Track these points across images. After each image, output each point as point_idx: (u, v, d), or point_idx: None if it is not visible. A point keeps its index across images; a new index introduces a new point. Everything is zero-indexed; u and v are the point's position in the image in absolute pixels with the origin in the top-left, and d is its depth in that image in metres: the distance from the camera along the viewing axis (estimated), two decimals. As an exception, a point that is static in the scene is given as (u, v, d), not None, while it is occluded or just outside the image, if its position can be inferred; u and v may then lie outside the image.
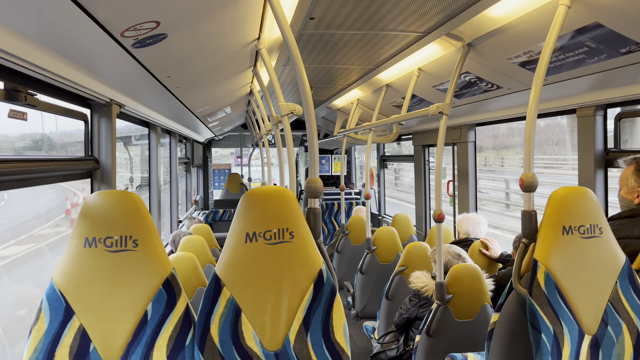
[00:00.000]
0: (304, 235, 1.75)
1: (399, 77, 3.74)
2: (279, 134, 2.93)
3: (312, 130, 1.86)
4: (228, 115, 6.01)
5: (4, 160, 1.78)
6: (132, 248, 1.68)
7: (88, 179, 2.54)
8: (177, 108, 3.91)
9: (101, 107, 2.53)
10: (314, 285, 1.73)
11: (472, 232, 3.75)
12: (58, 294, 1.64)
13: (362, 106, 5.11)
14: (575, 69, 2.50)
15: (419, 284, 3.08)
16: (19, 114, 1.88)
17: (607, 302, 1.90)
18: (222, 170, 9.72)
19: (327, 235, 8.02)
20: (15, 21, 1.36)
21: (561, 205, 1.94)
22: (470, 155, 4.48)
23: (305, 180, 1.82)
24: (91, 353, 1.63)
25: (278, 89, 2.31)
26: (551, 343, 1.84)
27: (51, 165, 2.12)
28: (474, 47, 2.68)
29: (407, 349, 3.22)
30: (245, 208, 1.75)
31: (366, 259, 4.50)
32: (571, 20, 2.04)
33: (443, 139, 2.86)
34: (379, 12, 2.51)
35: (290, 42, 1.78)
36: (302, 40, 3.11)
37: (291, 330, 1.71)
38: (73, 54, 1.78)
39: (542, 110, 3.10)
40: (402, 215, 5.28)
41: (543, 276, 1.87)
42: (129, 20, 1.59)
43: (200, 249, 3.54)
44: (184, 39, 2.05)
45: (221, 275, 1.71)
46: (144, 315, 1.67)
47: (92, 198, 1.70)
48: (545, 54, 1.95)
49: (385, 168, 7.87)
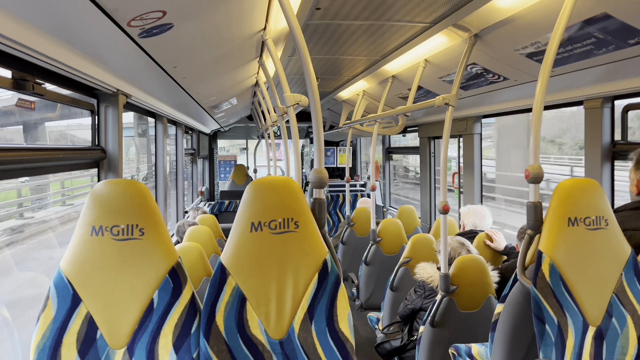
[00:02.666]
0: (308, 225, 1.76)
1: (405, 69, 3.73)
2: (285, 125, 2.93)
3: (318, 122, 1.86)
4: (234, 106, 6.01)
5: (12, 149, 1.80)
6: (139, 237, 1.69)
7: (95, 168, 2.55)
8: (183, 99, 3.91)
9: (108, 97, 2.54)
10: (319, 275, 1.74)
11: (477, 224, 3.75)
12: (65, 281, 1.66)
13: (368, 98, 5.10)
14: (583, 60, 2.48)
15: (424, 275, 3.09)
16: (27, 102, 1.90)
17: (612, 294, 1.90)
18: (228, 161, 9.74)
19: (332, 226, 8.03)
20: (22, 10, 1.37)
21: (567, 196, 1.93)
22: (476, 147, 4.47)
23: (311, 170, 1.82)
24: (98, 340, 1.65)
25: (284, 80, 2.31)
26: (555, 334, 1.85)
27: (58, 154, 2.14)
28: (480, 38, 2.66)
29: (411, 340, 3.23)
30: (251, 198, 1.75)
31: (371, 250, 4.51)
32: (579, 11, 2.03)
33: (449, 131, 2.86)
34: (385, 2, 2.50)
35: (297, 33, 1.78)
36: (308, 31, 3.10)
37: (296, 319, 1.72)
38: (80, 43, 1.78)
39: (549, 102, 3.08)
40: (407, 207, 5.28)
41: (548, 267, 1.87)
42: (136, 10, 1.59)
43: (206, 239, 3.56)
44: (190, 29, 2.05)
45: (226, 264, 1.73)
46: (150, 303, 1.68)
47: (99, 187, 1.71)
48: (552, 45, 1.94)
49: (391, 160, 7.85)
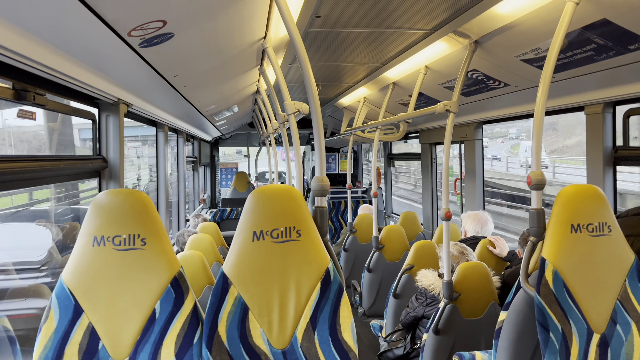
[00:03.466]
0: (311, 234, 1.75)
1: (406, 75, 3.73)
2: (286, 133, 2.93)
3: (319, 129, 1.86)
4: (235, 114, 6.02)
5: (13, 159, 1.79)
6: (140, 246, 1.68)
7: (96, 178, 2.55)
8: (184, 107, 3.92)
9: (109, 107, 2.54)
10: (321, 284, 1.73)
11: (478, 230, 3.73)
12: (67, 292, 1.66)
13: (369, 104, 5.10)
14: (584, 66, 2.48)
15: (425, 283, 3.06)
16: (28, 113, 1.90)
17: (616, 301, 1.89)
18: (230, 169, 9.75)
19: (333, 233, 8.02)
20: (23, 21, 1.37)
21: (569, 203, 1.92)
22: (478, 153, 4.47)
23: (312, 178, 1.82)
24: (100, 351, 1.64)
25: (284, 88, 2.31)
26: (559, 342, 1.83)
27: (60, 164, 2.13)
28: (481, 45, 2.66)
29: (414, 348, 3.21)
30: (253, 206, 1.75)
31: (373, 257, 4.49)
32: (579, 17, 2.03)
33: (450, 137, 2.85)
34: (385, 9, 2.50)
35: (297, 41, 1.78)
36: (308, 39, 3.11)
37: (298, 328, 1.71)
38: (81, 53, 1.78)
39: (550, 107, 3.08)
40: (409, 213, 5.27)
41: (551, 275, 1.86)
42: (136, 20, 1.59)
43: (207, 248, 3.55)
44: (190, 38, 2.05)
45: (229, 274, 1.72)
46: (152, 313, 1.68)
47: (100, 197, 1.70)
48: (553, 51, 1.94)
49: (392, 166, 7.85)
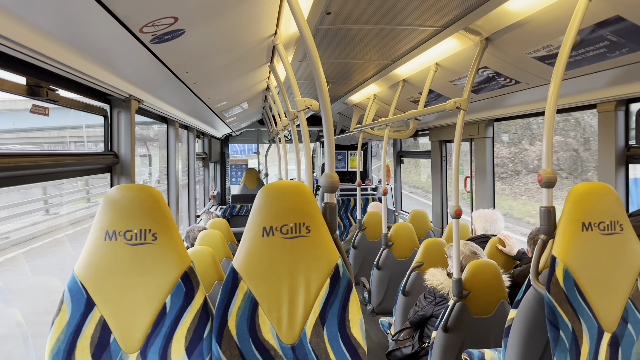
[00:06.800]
0: (320, 230, 1.76)
1: (416, 72, 3.72)
2: (296, 130, 2.94)
3: (329, 126, 1.86)
4: (245, 110, 6.03)
5: (27, 155, 1.82)
6: (152, 241, 1.70)
7: (108, 173, 2.58)
8: (194, 104, 3.94)
9: (120, 103, 2.56)
10: (330, 280, 1.73)
11: (488, 228, 3.72)
12: (79, 285, 1.68)
13: (379, 102, 5.09)
14: (596, 64, 2.45)
15: (434, 282, 3.04)
16: (41, 109, 1.92)
17: (627, 300, 1.87)
18: (240, 165, 9.78)
19: (342, 230, 8.02)
20: (36, 17, 1.39)
21: (581, 201, 1.91)
22: (488, 151, 4.44)
23: (322, 175, 1.82)
24: (111, 344, 1.66)
25: (294, 84, 2.31)
26: (570, 340, 1.82)
27: (72, 159, 2.16)
28: (492, 42, 2.65)
29: (423, 346, 3.20)
30: (263, 202, 1.76)
31: (382, 255, 4.49)
32: (592, 14, 2.01)
33: (461, 135, 2.84)
34: (396, 6, 2.50)
35: (307, 37, 1.79)
36: (318, 36, 3.11)
37: (307, 324, 1.72)
38: (93, 49, 1.80)
39: (562, 105, 3.06)
40: (419, 211, 5.25)
41: (562, 273, 1.85)
42: (148, 16, 1.60)
43: (217, 244, 3.57)
44: (201, 34, 2.06)
45: (238, 269, 1.73)
46: (163, 307, 1.69)
47: (112, 192, 1.72)
48: (564, 48, 1.93)
49: (402, 164, 7.83)
